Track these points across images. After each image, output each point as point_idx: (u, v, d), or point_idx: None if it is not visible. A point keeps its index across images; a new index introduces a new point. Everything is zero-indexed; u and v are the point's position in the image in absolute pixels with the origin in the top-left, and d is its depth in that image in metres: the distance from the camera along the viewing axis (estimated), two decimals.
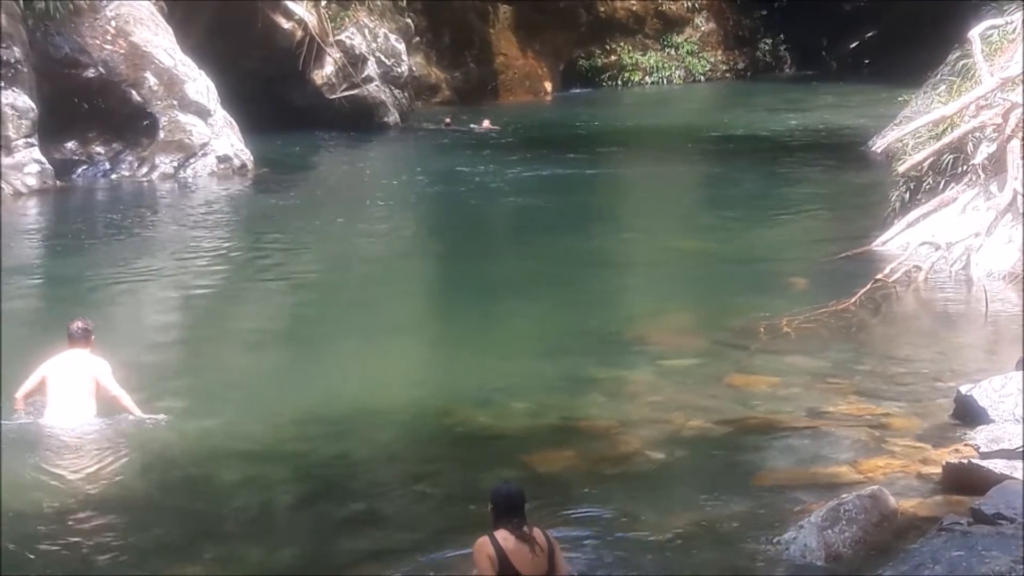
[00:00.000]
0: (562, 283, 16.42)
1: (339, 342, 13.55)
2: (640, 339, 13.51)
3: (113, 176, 24.40)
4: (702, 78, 45.43)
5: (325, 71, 30.96)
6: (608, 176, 26.61)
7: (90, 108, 24.31)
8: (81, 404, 10.60)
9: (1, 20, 22.30)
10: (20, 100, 22.22)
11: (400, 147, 30.66)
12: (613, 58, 44.16)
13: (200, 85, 25.02)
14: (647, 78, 44.44)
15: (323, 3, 30.87)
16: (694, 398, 11.28)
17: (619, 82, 43.98)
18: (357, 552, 8.30)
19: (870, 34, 47.65)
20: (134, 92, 24.48)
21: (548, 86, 41.83)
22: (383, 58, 32.11)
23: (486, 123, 32.40)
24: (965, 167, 16.74)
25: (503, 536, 7.29)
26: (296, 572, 8.08)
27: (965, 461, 8.98)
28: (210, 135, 24.90)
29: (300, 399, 11.37)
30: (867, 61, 46.13)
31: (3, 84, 21.97)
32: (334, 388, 11.82)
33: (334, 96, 31.17)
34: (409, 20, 34.28)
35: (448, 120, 32.83)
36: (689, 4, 45.77)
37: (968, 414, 10.23)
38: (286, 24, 30.16)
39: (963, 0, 24.19)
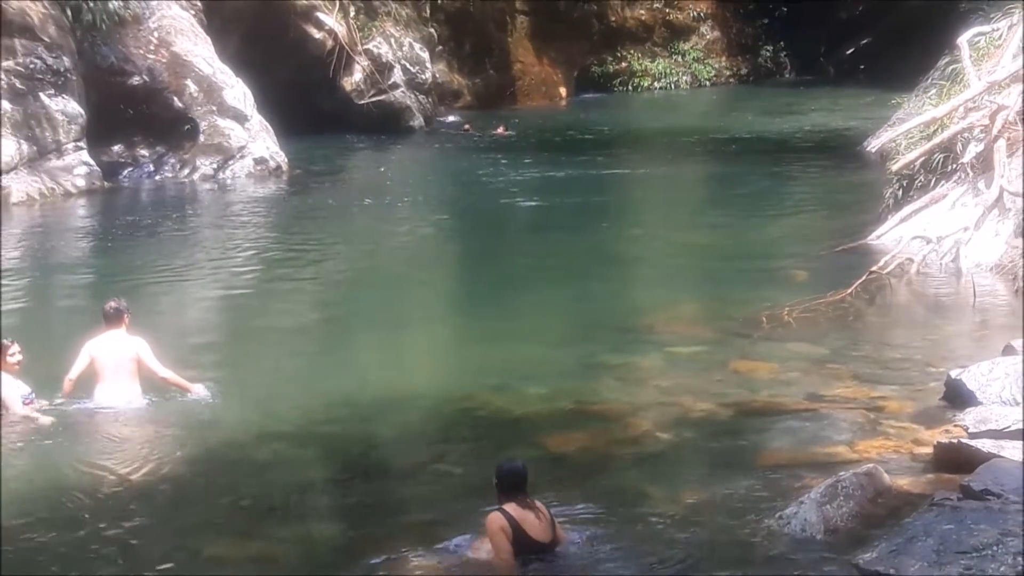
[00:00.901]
0: (575, 276, 16.43)
1: (367, 332, 13.62)
2: (649, 328, 13.50)
3: (157, 177, 24.52)
4: (707, 83, 45.34)
5: (354, 78, 31.01)
6: (619, 176, 26.58)
7: (135, 113, 24.44)
8: (126, 385, 10.64)
9: (52, 31, 22.41)
10: (70, 106, 22.33)
11: (424, 150, 30.67)
12: (624, 65, 44.10)
13: (237, 92, 25.10)
14: (656, 83, 44.37)
15: (352, 14, 30.90)
16: (700, 383, 11.27)
17: (629, 87, 43.92)
18: (384, 525, 8.32)
19: (865, 41, 47.45)
20: (176, 98, 24.57)
21: (563, 91, 41.79)
22: (408, 65, 32.14)
23: (500, 128, 32.23)
24: (955, 165, 16.70)
25: (512, 508, 7.43)
26: (328, 544, 8.11)
27: (955, 441, 8.97)
28: (247, 139, 24.98)
29: (332, 385, 11.41)
30: (862, 67, 45.91)
31: (53, 91, 22.09)
32: (363, 375, 11.88)
33: (363, 101, 31.21)
34: (432, 30, 34.32)
35: (468, 126, 32.75)
36: (695, 13, 45.69)
37: (958, 397, 10.21)
38: (317, 34, 30.21)
39: (953, 8, 24.13)
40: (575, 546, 7.65)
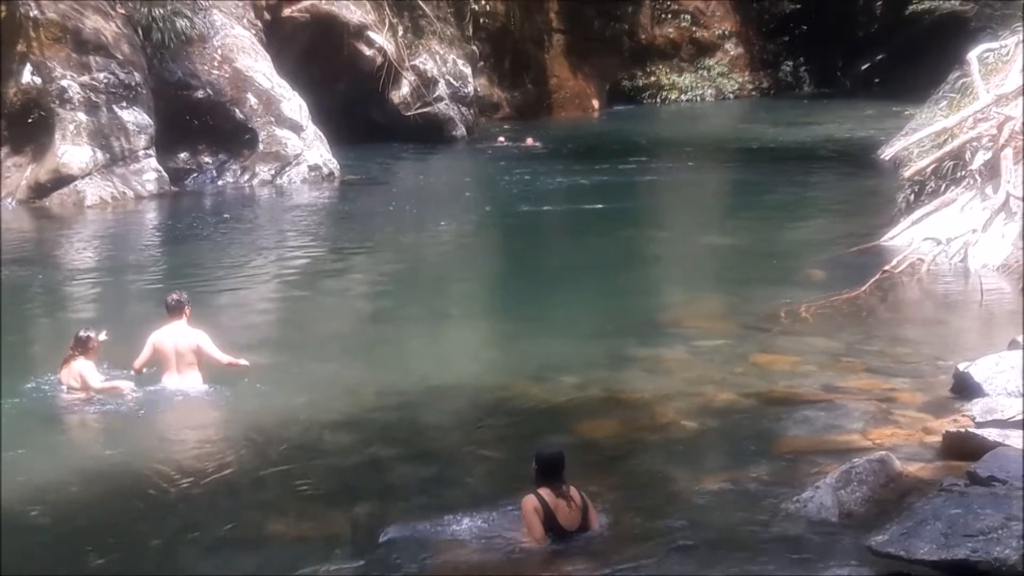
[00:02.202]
0: (606, 274, 16.38)
1: (412, 325, 13.61)
2: (675, 323, 13.43)
3: (219, 182, 24.64)
4: (731, 96, 45.17)
5: (402, 91, 31.07)
6: (648, 182, 26.51)
7: (199, 124, 24.55)
8: (188, 372, 10.68)
9: (124, 49, 22.58)
10: (140, 117, 22.50)
11: (466, 158, 30.65)
12: (653, 79, 44.02)
13: (294, 104, 25.20)
14: (682, 96, 44.26)
15: (400, 33, 30.96)
16: (723, 374, 11.18)
17: (658, 100, 43.83)
18: (427, 505, 8.30)
19: (880, 57, 47.21)
20: (237, 110, 24.69)
21: (596, 104, 41.70)
22: (452, 80, 32.16)
23: (529, 140, 31.68)
24: (964, 172, 16.55)
25: (545, 493, 7.41)
26: (375, 521, 8.07)
27: (963, 430, 8.87)
28: (302, 147, 25.07)
29: (379, 375, 11.41)
30: (877, 80, 45.65)
31: (126, 103, 22.26)
32: (408, 365, 11.86)
33: (409, 113, 31.27)
34: (474, 47, 34.33)
35: (502, 138, 32.36)
36: (720, 32, 45.54)
37: (965, 389, 10.09)
38: (368, 51, 30.29)
39: (963, 26, 23.85)
40: (602, 530, 7.57)
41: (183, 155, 24.62)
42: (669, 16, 44.48)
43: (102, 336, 10.70)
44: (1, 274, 15.64)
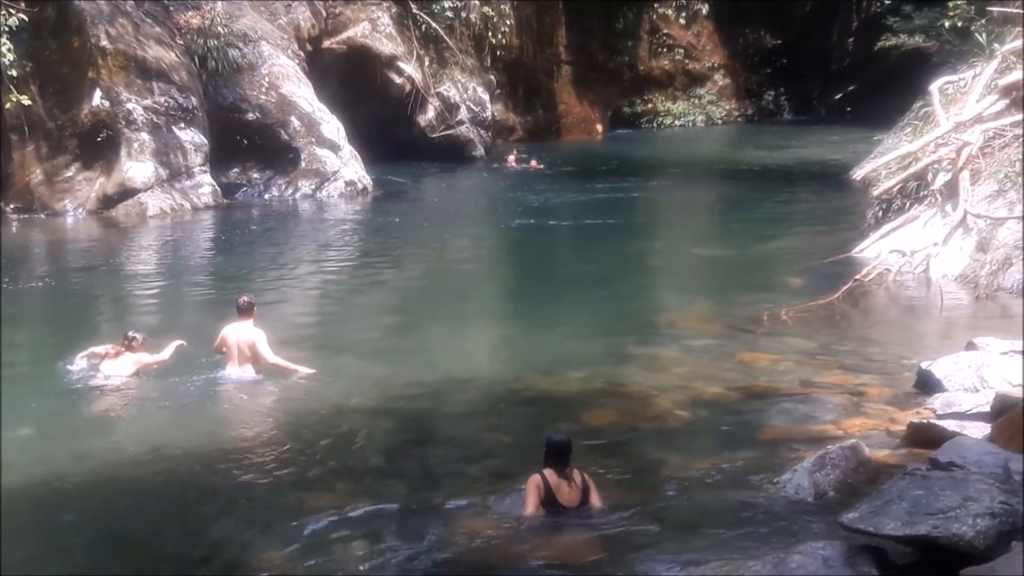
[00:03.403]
0: (607, 281, 16.38)
1: (435, 325, 13.62)
2: (669, 324, 13.44)
3: (266, 196, 24.68)
4: (719, 122, 45.09)
5: (427, 115, 31.07)
6: (646, 198, 26.49)
7: (249, 143, 24.61)
8: (245, 364, 10.78)
9: (183, 76, 22.66)
10: (196, 137, 22.55)
11: (484, 176, 30.62)
12: (650, 106, 43.96)
13: (332, 126, 25.24)
14: (676, 121, 44.19)
15: (426, 63, 31.00)
16: (711, 370, 11.19)
17: (654, 124, 43.76)
18: (448, 484, 8.34)
19: (852, 87, 47.20)
20: (282, 131, 24.74)
21: (599, 128, 41.66)
22: (472, 105, 32.16)
23: (533, 162, 31.09)
24: (926, 192, 16.54)
25: (549, 473, 7.48)
26: (401, 498, 8.11)
27: (925, 421, 8.87)
28: (340, 165, 25.11)
29: (405, 368, 11.42)
30: (849, 108, 45.59)
31: (183, 124, 22.34)
32: (430, 360, 11.88)
33: (434, 135, 31.26)
34: (492, 76, 34.32)
35: (511, 158, 31.73)
36: (709, 64, 45.49)
37: (927, 385, 10.09)
38: (398, 79, 30.32)
39: (926, 61, 23.78)
40: (600, 508, 7.59)
41: (234, 171, 24.67)
42: (665, 50, 44.44)
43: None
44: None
